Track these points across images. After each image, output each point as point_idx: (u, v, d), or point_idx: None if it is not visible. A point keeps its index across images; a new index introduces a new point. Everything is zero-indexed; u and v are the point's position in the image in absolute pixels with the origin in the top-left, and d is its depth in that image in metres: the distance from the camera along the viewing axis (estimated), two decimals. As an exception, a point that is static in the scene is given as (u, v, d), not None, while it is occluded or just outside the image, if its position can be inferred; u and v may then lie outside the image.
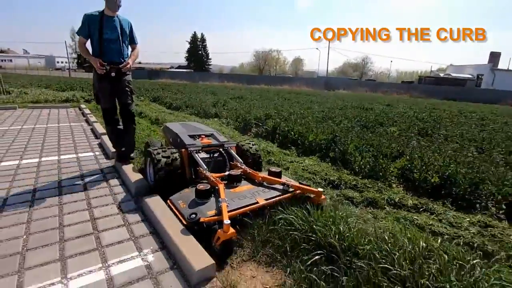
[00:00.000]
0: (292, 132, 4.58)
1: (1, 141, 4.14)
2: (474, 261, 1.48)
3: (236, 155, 2.77)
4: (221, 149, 2.79)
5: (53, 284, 1.46)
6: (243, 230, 1.93)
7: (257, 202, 2.06)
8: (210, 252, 1.64)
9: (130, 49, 3.12)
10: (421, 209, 2.54)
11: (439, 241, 1.68)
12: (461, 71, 41.87)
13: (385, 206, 2.55)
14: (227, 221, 1.67)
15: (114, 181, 2.81)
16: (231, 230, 1.66)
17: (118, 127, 3.15)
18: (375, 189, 2.89)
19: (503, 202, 2.57)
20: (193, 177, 2.54)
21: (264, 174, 2.48)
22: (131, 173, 2.71)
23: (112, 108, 3.07)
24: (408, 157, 3.50)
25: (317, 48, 54.12)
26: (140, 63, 74.88)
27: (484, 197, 2.67)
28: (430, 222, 2.25)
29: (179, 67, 68.13)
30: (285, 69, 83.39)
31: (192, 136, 2.87)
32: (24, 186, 2.59)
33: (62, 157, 3.54)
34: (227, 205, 1.87)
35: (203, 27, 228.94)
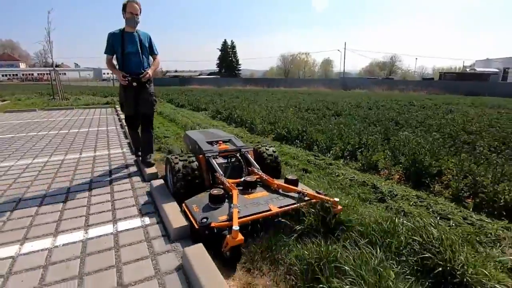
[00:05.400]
0: (235, 115, 7.25)
1: (69, 123, 7.31)
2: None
3: (253, 161, 2.76)
4: (237, 154, 2.79)
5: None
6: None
7: (269, 210, 2.04)
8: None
9: (151, 59, 3.43)
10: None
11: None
12: (488, 66, 40.69)
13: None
14: (236, 227, 1.67)
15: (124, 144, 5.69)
16: (240, 236, 1.65)
17: (139, 133, 3.55)
18: (253, 139, 5.43)
19: (325, 146, 4.94)
20: (211, 182, 2.58)
21: (280, 181, 2.44)
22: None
23: (134, 115, 3.38)
24: (281, 122, 6.01)
25: (338, 50, 54.88)
26: (176, 71, 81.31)
27: (318, 143, 5.06)
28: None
29: (211, 73, 72.74)
30: (313, 71, 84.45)
31: (210, 142, 2.91)
32: (80, 141, 5.54)
33: (99, 129, 6.54)
34: (238, 211, 1.88)
35: (236, 34, 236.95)
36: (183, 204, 2.21)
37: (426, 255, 1.73)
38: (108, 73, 74.01)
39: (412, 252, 1.81)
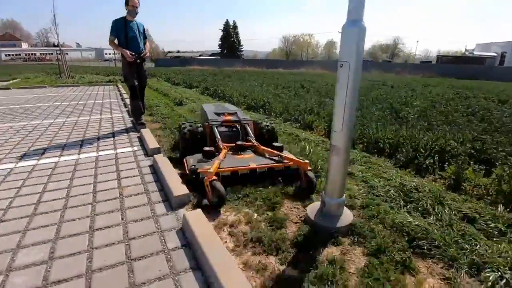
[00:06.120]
0: (219, 91, 8.51)
1: (77, 97, 8.60)
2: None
3: (250, 131, 3.20)
4: (236, 124, 3.27)
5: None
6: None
7: (248, 166, 2.50)
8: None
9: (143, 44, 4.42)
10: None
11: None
12: (487, 50, 40.81)
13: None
14: (211, 169, 2.24)
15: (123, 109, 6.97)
16: (213, 176, 2.16)
17: (139, 102, 4.50)
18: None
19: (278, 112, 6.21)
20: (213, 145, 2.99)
21: (268, 148, 2.87)
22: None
23: (136, 85, 4.32)
24: (251, 95, 7.26)
25: (339, 31, 54.10)
26: (178, 51, 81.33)
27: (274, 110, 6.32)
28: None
29: (212, 54, 72.76)
30: (316, 53, 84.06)
31: (218, 114, 3.40)
32: (88, 109, 6.84)
33: (103, 101, 7.82)
34: (220, 163, 2.42)
35: (239, 14, 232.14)
36: (184, 159, 2.79)
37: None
38: (110, 53, 74.45)
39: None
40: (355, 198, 2.42)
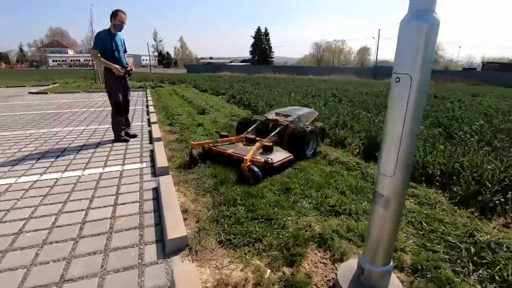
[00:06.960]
0: (245, 99, 8.12)
1: (105, 103, 8.65)
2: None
3: (273, 132, 3.56)
4: (270, 124, 3.78)
5: (118, 125, 5.43)
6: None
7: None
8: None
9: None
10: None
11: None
12: (542, 55, 36.87)
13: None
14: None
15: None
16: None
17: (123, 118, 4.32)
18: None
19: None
20: None
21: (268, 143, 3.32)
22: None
23: (121, 101, 4.17)
24: (277, 105, 6.75)
25: (373, 37, 52.51)
26: (211, 58, 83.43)
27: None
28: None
29: (243, 61, 73.57)
30: (349, 60, 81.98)
31: (278, 114, 4.03)
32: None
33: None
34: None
35: (271, 21, 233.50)
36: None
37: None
38: (146, 59, 78.05)
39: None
40: (403, 252, 1.83)
